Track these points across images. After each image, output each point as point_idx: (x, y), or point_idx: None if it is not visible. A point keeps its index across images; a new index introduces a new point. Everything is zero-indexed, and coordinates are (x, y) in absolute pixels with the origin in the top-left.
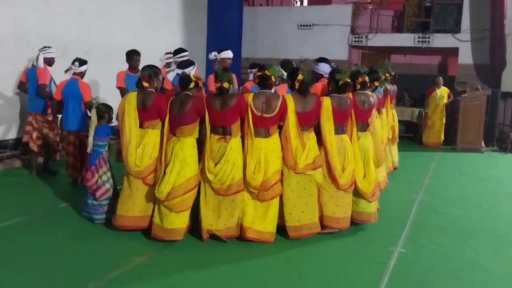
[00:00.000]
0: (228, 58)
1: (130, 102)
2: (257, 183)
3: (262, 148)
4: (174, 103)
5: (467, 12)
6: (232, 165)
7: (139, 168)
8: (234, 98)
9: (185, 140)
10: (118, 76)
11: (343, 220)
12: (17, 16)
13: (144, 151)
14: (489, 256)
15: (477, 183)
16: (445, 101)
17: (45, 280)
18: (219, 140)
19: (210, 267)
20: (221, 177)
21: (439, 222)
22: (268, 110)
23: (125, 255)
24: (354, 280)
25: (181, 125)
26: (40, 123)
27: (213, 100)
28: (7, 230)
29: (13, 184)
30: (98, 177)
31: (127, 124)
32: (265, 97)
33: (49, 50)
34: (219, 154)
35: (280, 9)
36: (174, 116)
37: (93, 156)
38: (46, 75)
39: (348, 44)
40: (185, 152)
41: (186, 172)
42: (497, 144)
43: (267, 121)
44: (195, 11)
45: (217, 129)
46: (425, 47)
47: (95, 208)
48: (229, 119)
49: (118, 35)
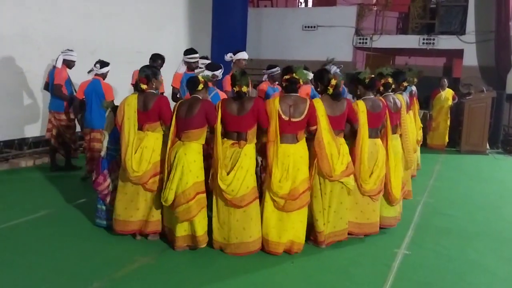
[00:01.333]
0: (244, 59)
1: (130, 104)
2: (284, 191)
3: (290, 155)
4: (182, 105)
5: (472, 14)
6: (245, 172)
7: (137, 173)
8: (251, 101)
9: (190, 144)
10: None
11: (367, 226)
12: (22, 16)
13: (142, 155)
14: (493, 258)
15: (482, 185)
16: (450, 103)
17: (50, 279)
18: (233, 145)
19: (213, 267)
20: (234, 186)
21: (443, 224)
22: (296, 114)
23: (129, 255)
24: (358, 282)
25: (188, 129)
26: (57, 121)
27: (229, 104)
28: (14, 229)
29: (20, 183)
30: (111, 182)
31: (126, 127)
32: (292, 101)
33: (70, 53)
34: (232, 160)
35: (285, 10)
36: (181, 119)
37: (106, 160)
38: (61, 76)
39: (353, 45)
40: (188, 157)
41: (189, 178)
42: (502, 146)
43: (295, 126)
44: (200, 12)
45: (232, 134)
46: (430, 49)
47: (104, 213)
48: (245, 124)
49: (123, 36)
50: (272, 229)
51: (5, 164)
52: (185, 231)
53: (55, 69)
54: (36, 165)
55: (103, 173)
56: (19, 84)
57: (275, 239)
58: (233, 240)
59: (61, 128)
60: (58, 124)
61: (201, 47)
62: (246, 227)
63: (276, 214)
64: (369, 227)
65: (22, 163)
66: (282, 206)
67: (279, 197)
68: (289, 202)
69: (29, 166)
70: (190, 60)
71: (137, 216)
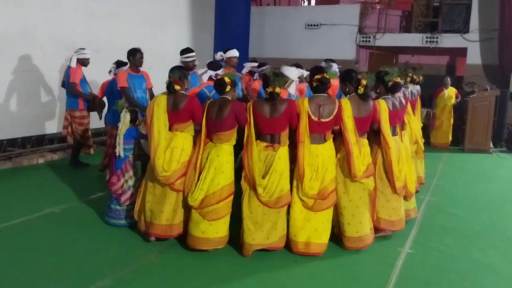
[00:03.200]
0: (234, 57)
1: (159, 104)
2: (314, 192)
3: (319, 155)
4: (212, 107)
5: (475, 12)
6: (280, 176)
7: (166, 173)
8: (285, 103)
9: (222, 146)
10: (119, 76)
11: (399, 223)
12: (25, 15)
13: (172, 155)
14: (497, 258)
15: (486, 184)
16: (453, 102)
17: (54, 278)
18: (267, 148)
19: (218, 265)
20: (269, 189)
21: (447, 223)
22: (325, 114)
23: (133, 254)
24: (362, 280)
25: (219, 131)
26: (72, 118)
27: (261, 105)
28: (17, 227)
29: (23, 182)
30: (124, 182)
31: (156, 127)
32: (321, 101)
33: (83, 51)
34: (266, 163)
35: (288, 9)
36: (211, 121)
37: (120, 160)
38: (76, 75)
39: (356, 44)
40: (221, 159)
41: (221, 179)
42: (506, 145)
43: (324, 126)
44: (202, 10)
45: (264, 136)
46: (433, 47)
47: (118, 213)
48: (278, 126)
49: (126, 35)
50: (300, 230)
51: (8, 163)
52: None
53: (70, 68)
54: (39, 164)
55: (116, 173)
56: (22, 83)
57: (304, 239)
58: (264, 241)
59: (74, 125)
60: (72, 120)
61: (204, 46)
62: (278, 227)
63: (304, 215)
64: (399, 223)
65: (25, 161)
66: (311, 206)
67: (309, 197)
68: (318, 201)
69: (32, 164)
70: (187, 60)
71: (161, 219)
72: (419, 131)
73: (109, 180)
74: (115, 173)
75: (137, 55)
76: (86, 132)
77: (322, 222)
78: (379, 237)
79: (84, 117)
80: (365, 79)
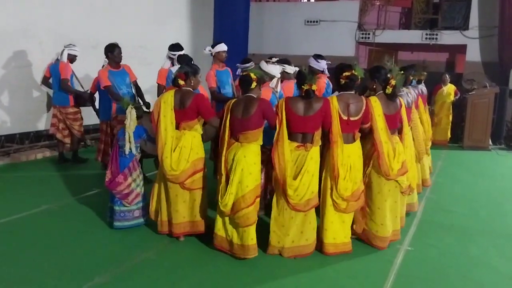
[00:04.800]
0: (223, 51)
1: (166, 101)
2: (348, 193)
3: (351, 155)
4: (237, 105)
5: (475, 9)
6: (311, 177)
7: (175, 172)
8: (320, 101)
9: (249, 146)
10: (100, 75)
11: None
12: (25, 11)
13: (181, 154)
14: (496, 255)
15: (485, 182)
16: (452, 99)
17: (51, 274)
18: (298, 148)
19: (215, 263)
20: (300, 191)
21: (446, 220)
22: (354, 112)
23: (130, 250)
24: (361, 277)
25: (246, 130)
26: (64, 115)
27: (295, 102)
28: (16, 224)
29: (21, 177)
30: (132, 181)
31: (162, 125)
32: (349, 99)
33: (74, 47)
34: (297, 164)
35: (287, 5)
36: (237, 120)
37: (126, 158)
38: (67, 70)
39: (355, 40)
40: (248, 159)
41: (249, 181)
42: (505, 142)
43: (353, 125)
44: (202, 6)
45: (296, 136)
46: (433, 44)
47: (124, 214)
48: (312, 125)
49: (125, 31)
50: (339, 231)
51: (7, 158)
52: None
53: (58, 63)
54: (37, 159)
55: (123, 172)
56: (21, 79)
57: (342, 239)
58: (288, 243)
59: (68, 122)
60: (65, 117)
61: (203, 42)
62: (304, 230)
63: (338, 217)
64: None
65: (23, 157)
66: (344, 208)
67: (344, 199)
68: (351, 203)
69: (30, 160)
70: (175, 57)
71: (177, 218)
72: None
73: (112, 180)
74: (121, 172)
75: (115, 51)
76: (81, 126)
77: (342, 221)
78: None
79: (77, 112)
80: (394, 79)
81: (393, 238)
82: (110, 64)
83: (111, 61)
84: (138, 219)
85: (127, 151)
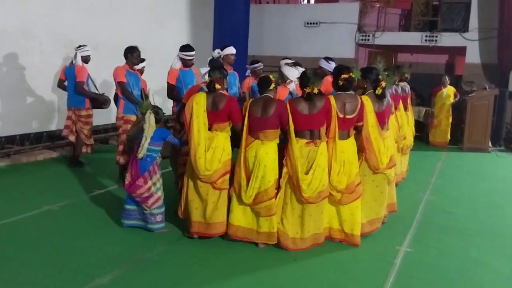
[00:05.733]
0: (232, 54)
1: (199, 103)
2: (342, 186)
3: (345, 151)
4: (256, 105)
5: (475, 11)
6: (322, 171)
7: (209, 171)
8: (322, 100)
9: (270, 144)
10: (118, 71)
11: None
12: (24, 11)
13: (214, 155)
14: (495, 256)
15: (484, 183)
16: (452, 101)
17: (52, 275)
18: (308, 144)
19: (216, 264)
20: (313, 185)
21: (445, 221)
22: (349, 111)
23: (131, 251)
24: (360, 278)
25: (266, 129)
26: (77, 117)
27: (299, 103)
28: (16, 225)
29: (21, 179)
30: (152, 184)
31: (195, 126)
32: (345, 98)
33: (85, 48)
34: (308, 159)
35: (287, 7)
36: (256, 119)
37: (146, 162)
38: (83, 73)
39: (355, 42)
40: (270, 156)
41: (271, 177)
42: (504, 144)
43: (348, 122)
44: (202, 8)
45: (303, 133)
46: (433, 46)
47: (146, 216)
48: (317, 122)
49: (125, 32)
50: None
51: (7, 160)
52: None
53: (73, 66)
54: (38, 161)
55: (143, 175)
56: (20, 80)
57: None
58: (306, 234)
59: (79, 124)
60: (77, 119)
61: (203, 43)
62: (317, 219)
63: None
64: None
65: (23, 158)
66: (338, 200)
67: (338, 191)
68: (345, 195)
69: (31, 161)
70: (186, 58)
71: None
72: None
73: (132, 183)
74: (141, 175)
75: (135, 53)
76: (90, 130)
77: (351, 213)
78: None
79: (90, 115)
80: (385, 80)
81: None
82: (128, 64)
83: (129, 62)
84: (160, 223)
85: (140, 155)
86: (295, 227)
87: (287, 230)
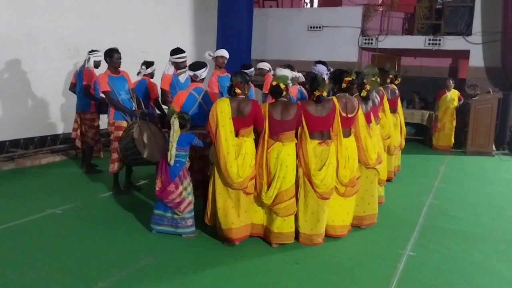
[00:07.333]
0: (221, 56)
1: (224, 111)
2: (347, 180)
3: (348, 147)
4: (275, 108)
5: (478, 15)
6: (333, 168)
7: (241, 178)
8: (331, 102)
9: (290, 145)
10: (100, 80)
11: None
12: (29, 16)
13: (244, 161)
14: (499, 261)
15: (488, 187)
16: (456, 104)
17: (55, 279)
18: (321, 144)
19: (218, 268)
20: (326, 181)
21: (448, 225)
22: (350, 110)
23: (134, 255)
24: (363, 282)
25: (287, 131)
26: (82, 120)
27: (310, 106)
28: (20, 228)
29: (25, 182)
30: (183, 189)
31: (222, 135)
32: (346, 99)
33: (98, 53)
34: (322, 158)
35: (290, 11)
36: (277, 121)
37: (176, 167)
38: (90, 77)
39: (358, 46)
40: (291, 157)
41: (292, 177)
42: (508, 147)
43: (349, 121)
44: (205, 12)
45: (315, 134)
46: (436, 50)
47: (176, 221)
48: (328, 123)
49: (129, 36)
50: (336, 215)
51: (11, 164)
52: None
53: (84, 70)
54: (41, 164)
55: (174, 181)
56: (24, 84)
57: (340, 223)
58: (322, 230)
59: (84, 127)
60: (83, 122)
61: (207, 48)
62: (327, 212)
63: (336, 202)
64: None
65: (28, 162)
66: (342, 193)
67: (343, 185)
68: (349, 189)
69: (35, 165)
70: (178, 60)
71: (239, 223)
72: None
73: (163, 189)
74: (172, 181)
75: (114, 56)
76: (96, 134)
77: (352, 206)
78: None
79: (94, 119)
80: (369, 84)
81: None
82: (109, 69)
83: (110, 66)
84: (191, 227)
85: (171, 161)
86: (310, 223)
87: (302, 227)
